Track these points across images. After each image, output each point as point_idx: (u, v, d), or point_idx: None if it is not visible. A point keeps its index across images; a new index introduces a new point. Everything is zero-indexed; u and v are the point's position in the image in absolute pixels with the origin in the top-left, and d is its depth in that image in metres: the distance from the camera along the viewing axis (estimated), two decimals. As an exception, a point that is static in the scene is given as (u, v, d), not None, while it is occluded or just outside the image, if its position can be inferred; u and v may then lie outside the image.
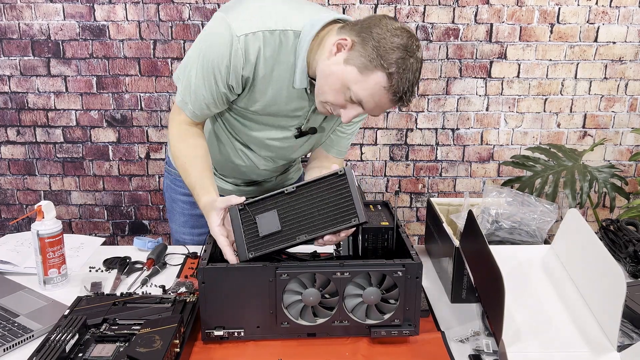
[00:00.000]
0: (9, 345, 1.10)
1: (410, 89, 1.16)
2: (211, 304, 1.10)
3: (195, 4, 2.59)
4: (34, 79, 2.68)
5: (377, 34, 1.15)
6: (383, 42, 1.14)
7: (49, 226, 1.31)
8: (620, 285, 1.00)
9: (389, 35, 1.15)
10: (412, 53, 1.14)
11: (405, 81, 1.15)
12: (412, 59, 1.14)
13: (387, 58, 1.13)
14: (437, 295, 1.34)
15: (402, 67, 1.13)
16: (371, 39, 1.15)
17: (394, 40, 1.14)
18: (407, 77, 1.15)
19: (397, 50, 1.13)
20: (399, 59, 1.13)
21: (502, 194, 1.42)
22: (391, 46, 1.13)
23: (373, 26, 1.16)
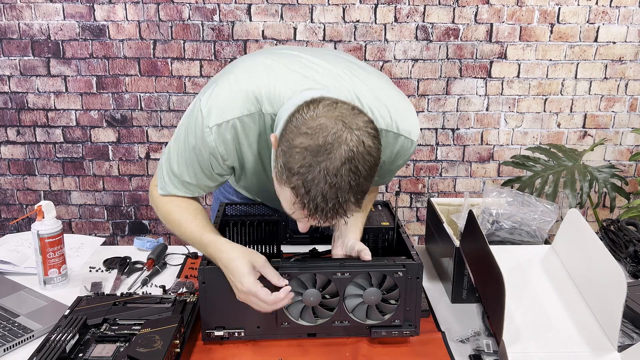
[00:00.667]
0: (9, 345, 1.10)
1: (326, 203, 0.90)
2: (211, 304, 1.10)
3: (195, 4, 2.59)
4: (34, 79, 2.68)
5: (289, 128, 0.93)
6: (287, 144, 0.92)
7: (49, 226, 1.31)
8: (620, 285, 1.00)
9: (296, 132, 0.91)
10: (325, 152, 0.88)
11: (317, 194, 0.89)
12: (324, 163, 0.88)
13: (290, 167, 0.91)
14: (438, 295, 1.34)
15: (307, 176, 0.89)
16: (282, 139, 0.94)
17: (299, 141, 0.90)
18: (319, 187, 0.89)
19: (301, 154, 0.89)
20: (304, 167, 0.89)
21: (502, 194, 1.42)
22: (295, 149, 0.90)
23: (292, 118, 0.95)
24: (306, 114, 0.93)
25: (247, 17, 2.62)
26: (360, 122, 0.92)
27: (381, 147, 0.96)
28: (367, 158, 0.91)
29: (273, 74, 1.09)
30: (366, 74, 1.17)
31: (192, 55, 2.66)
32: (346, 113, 0.92)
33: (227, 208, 1.44)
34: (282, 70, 1.10)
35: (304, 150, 0.89)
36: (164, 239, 1.61)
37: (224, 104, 1.07)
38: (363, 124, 0.93)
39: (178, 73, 2.68)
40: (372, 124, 0.95)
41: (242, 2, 2.59)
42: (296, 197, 0.92)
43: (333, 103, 0.94)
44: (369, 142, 0.91)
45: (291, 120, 0.94)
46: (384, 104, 1.13)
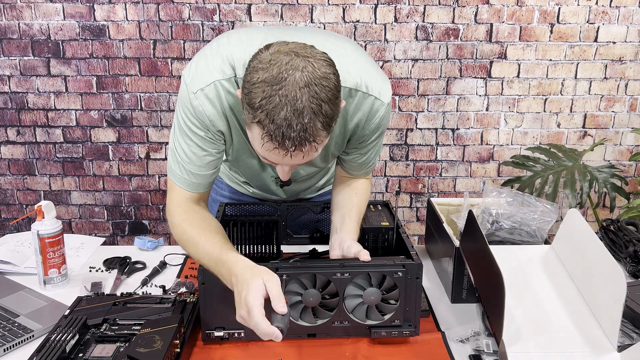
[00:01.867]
0: (9, 346, 1.11)
1: (291, 129, 0.92)
2: (211, 305, 1.10)
3: (195, 4, 2.59)
4: (34, 79, 2.68)
5: (247, 71, 0.97)
6: (247, 84, 0.95)
7: (49, 226, 1.31)
8: (620, 285, 1.00)
9: (252, 69, 0.95)
10: (281, 81, 0.91)
11: (282, 122, 0.91)
12: (282, 90, 0.91)
13: (252, 102, 0.93)
14: (437, 295, 1.34)
15: (269, 106, 0.91)
16: (244, 83, 0.97)
17: (256, 76, 0.93)
18: (281, 115, 0.91)
19: (259, 87, 0.92)
20: (264, 99, 0.92)
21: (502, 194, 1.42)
22: (254, 85, 0.93)
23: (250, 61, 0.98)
24: (261, 54, 0.96)
25: (247, 17, 2.62)
26: (313, 52, 0.96)
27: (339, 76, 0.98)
28: (324, 83, 0.93)
29: (246, 42, 1.12)
30: (340, 41, 1.19)
31: (192, 55, 2.65)
32: (298, 46, 0.96)
33: (227, 208, 1.44)
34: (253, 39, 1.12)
35: (262, 83, 0.92)
36: (164, 239, 1.61)
37: (203, 71, 1.10)
38: (316, 54, 0.96)
39: (178, 73, 2.68)
40: (326, 55, 0.98)
41: (242, 2, 2.59)
42: (263, 129, 0.94)
43: (285, 41, 0.98)
44: (324, 69, 0.94)
45: (249, 65, 0.97)
46: (354, 64, 1.14)
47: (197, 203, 1.22)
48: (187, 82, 1.11)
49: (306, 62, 0.93)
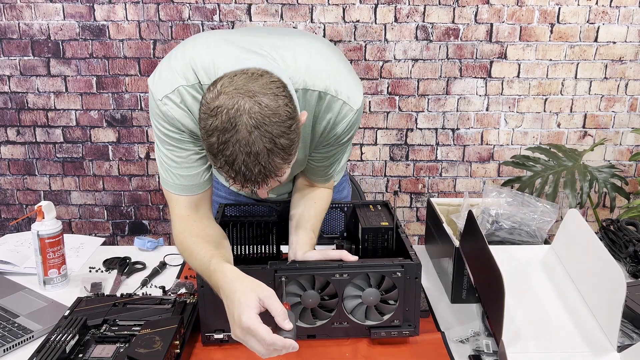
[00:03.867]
0: (9, 346, 1.11)
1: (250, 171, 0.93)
2: (211, 307, 1.10)
3: (195, 4, 2.59)
4: (34, 79, 2.68)
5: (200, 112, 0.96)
6: (202, 131, 0.96)
7: (49, 226, 1.31)
8: (620, 286, 1.00)
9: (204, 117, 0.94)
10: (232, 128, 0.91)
11: (240, 166, 0.93)
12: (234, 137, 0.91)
13: (210, 150, 0.95)
14: (437, 295, 1.34)
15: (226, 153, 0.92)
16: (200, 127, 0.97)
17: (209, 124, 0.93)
18: (238, 160, 0.92)
19: (213, 135, 0.93)
20: (220, 146, 0.92)
21: (502, 194, 1.42)
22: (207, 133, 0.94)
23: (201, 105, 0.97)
24: (208, 96, 0.95)
25: (247, 17, 2.62)
26: (257, 87, 0.93)
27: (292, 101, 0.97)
28: (274, 119, 0.92)
29: (208, 47, 1.11)
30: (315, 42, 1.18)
31: (192, 55, 2.66)
32: (242, 83, 0.94)
33: (226, 208, 1.44)
34: (219, 44, 1.11)
35: (215, 131, 0.92)
36: (164, 239, 1.61)
37: (166, 78, 1.10)
38: (261, 88, 0.93)
39: (178, 73, 2.68)
40: (274, 83, 0.96)
41: (242, 2, 2.59)
42: (226, 173, 0.95)
43: (232, 77, 0.95)
44: (270, 102, 0.92)
45: (201, 108, 0.96)
46: (325, 66, 1.13)
47: (197, 210, 1.18)
48: (152, 90, 1.11)
49: (252, 103, 0.92)
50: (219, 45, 1.11)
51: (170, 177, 1.16)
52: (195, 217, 1.18)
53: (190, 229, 1.15)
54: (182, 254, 1.16)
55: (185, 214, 1.18)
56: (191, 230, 1.15)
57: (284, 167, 0.97)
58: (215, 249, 1.09)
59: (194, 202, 1.18)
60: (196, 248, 1.09)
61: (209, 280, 1.05)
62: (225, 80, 0.95)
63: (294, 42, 1.16)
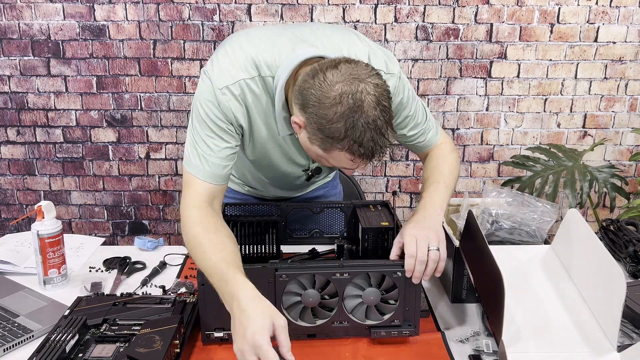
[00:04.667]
0: (9, 346, 1.11)
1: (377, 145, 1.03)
2: (211, 306, 1.10)
3: (195, 4, 2.59)
4: (34, 79, 2.68)
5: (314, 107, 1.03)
6: (323, 120, 1.02)
7: (49, 226, 1.31)
8: (620, 286, 1.00)
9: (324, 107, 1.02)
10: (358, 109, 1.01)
11: (369, 142, 1.02)
12: (362, 116, 1.01)
13: (335, 135, 1.02)
14: (437, 295, 1.34)
15: (355, 134, 1.01)
16: (313, 118, 1.04)
17: (332, 112, 1.01)
18: (366, 137, 1.02)
19: (340, 121, 1.01)
20: (348, 129, 1.01)
21: (502, 194, 1.42)
22: (332, 121, 1.01)
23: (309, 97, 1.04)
24: (322, 88, 1.02)
25: (247, 17, 2.62)
26: (363, 70, 1.04)
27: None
28: (384, 94, 1.04)
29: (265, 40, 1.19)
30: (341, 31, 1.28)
31: (192, 55, 2.66)
32: (350, 69, 1.03)
33: (227, 208, 1.44)
34: (270, 37, 1.20)
35: (342, 117, 1.00)
36: (164, 239, 1.61)
37: (228, 68, 1.16)
38: (366, 70, 1.05)
39: (178, 73, 2.68)
40: (368, 66, 1.06)
41: (242, 2, 2.59)
42: (353, 154, 1.04)
43: (334, 67, 1.04)
44: (378, 81, 1.04)
45: (309, 99, 1.04)
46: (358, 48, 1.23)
47: (211, 203, 1.18)
48: (211, 78, 1.16)
49: (367, 84, 1.02)
50: (272, 38, 1.19)
51: (200, 161, 1.18)
52: (211, 212, 1.17)
53: (206, 224, 1.13)
54: (190, 247, 1.13)
55: (201, 203, 1.16)
56: (207, 227, 1.13)
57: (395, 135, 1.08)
58: (232, 254, 1.08)
59: (212, 193, 1.18)
60: (211, 249, 1.08)
61: (218, 285, 1.04)
62: (332, 72, 1.03)
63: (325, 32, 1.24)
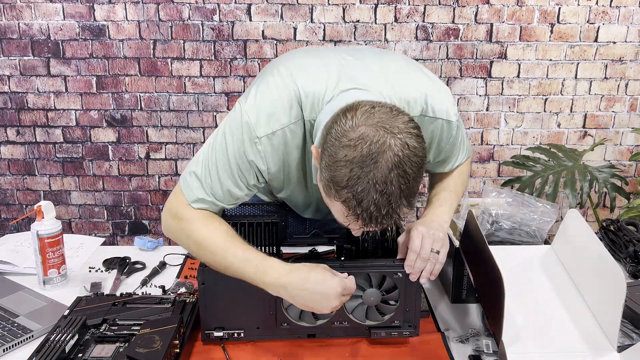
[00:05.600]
0: (9, 346, 1.10)
1: (379, 212, 0.89)
2: (211, 305, 1.10)
3: (195, 4, 2.59)
4: (34, 79, 2.68)
5: (330, 142, 0.92)
6: (331, 159, 0.90)
7: (48, 226, 1.31)
8: (620, 286, 1.00)
9: (338, 146, 0.89)
10: (372, 162, 0.87)
11: (369, 205, 0.88)
12: (372, 172, 0.87)
13: (337, 181, 0.90)
14: (437, 295, 1.34)
15: (356, 188, 0.88)
16: (325, 154, 0.92)
17: (343, 154, 0.89)
18: (369, 197, 0.88)
19: (346, 167, 0.88)
20: (351, 180, 0.88)
21: (502, 194, 1.42)
22: (339, 164, 0.89)
23: (332, 130, 0.92)
24: (345, 125, 0.91)
25: (247, 17, 2.62)
26: (400, 124, 0.90)
27: (425, 144, 0.94)
28: (413, 160, 0.89)
29: (313, 75, 1.07)
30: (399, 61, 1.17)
31: (192, 55, 2.66)
32: (385, 117, 0.90)
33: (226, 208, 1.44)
34: (321, 70, 1.08)
35: (349, 163, 0.88)
36: (163, 239, 1.61)
37: (271, 111, 1.04)
38: (404, 126, 0.90)
39: (178, 73, 2.68)
40: (412, 122, 0.93)
41: (242, 2, 2.59)
42: (348, 209, 0.91)
43: (370, 108, 0.92)
44: (412, 142, 0.90)
45: (330, 132, 0.92)
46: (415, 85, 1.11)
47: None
48: (251, 121, 1.04)
49: (396, 140, 0.88)
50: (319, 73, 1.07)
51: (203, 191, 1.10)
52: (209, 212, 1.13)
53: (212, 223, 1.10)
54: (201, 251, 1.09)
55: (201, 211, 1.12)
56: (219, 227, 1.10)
57: (407, 212, 0.94)
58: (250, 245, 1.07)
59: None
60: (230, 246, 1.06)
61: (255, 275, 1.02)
62: (365, 111, 0.91)
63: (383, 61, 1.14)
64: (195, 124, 2.76)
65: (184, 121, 2.75)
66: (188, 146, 2.80)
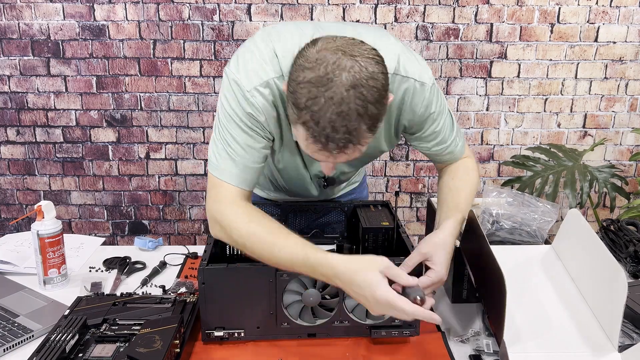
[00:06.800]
0: (9, 346, 1.10)
1: (336, 131, 0.90)
2: (211, 305, 1.10)
3: (195, 4, 2.59)
4: (34, 78, 2.68)
5: (292, 69, 0.94)
6: (293, 83, 0.92)
7: (48, 226, 1.31)
8: (621, 286, 1.00)
9: (299, 68, 0.92)
10: (328, 82, 0.88)
11: (326, 124, 0.89)
12: (328, 92, 0.88)
13: (297, 102, 0.91)
14: (438, 295, 1.34)
15: (314, 107, 0.89)
16: (289, 79, 0.95)
17: (302, 76, 0.91)
18: (326, 116, 0.89)
19: (305, 87, 0.90)
20: (309, 100, 0.89)
21: (502, 194, 1.42)
22: (299, 85, 0.91)
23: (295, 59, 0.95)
24: (306, 52, 0.93)
25: (247, 17, 2.62)
26: (360, 49, 0.92)
27: (387, 73, 0.94)
28: (371, 83, 0.90)
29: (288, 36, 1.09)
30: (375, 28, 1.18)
31: (192, 55, 2.66)
32: (345, 43, 0.92)
33: None
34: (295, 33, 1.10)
35: (308, 84, 0.89)
36: (163, 239, 1.61)
37: (253, 67, 1.07)
38: (364, 51, 0.92)
39: (178, 73, 2.68)
40: (374, 51, 0.94)
41: (242, 2, 2.59)
42: (307, 131, 0.92)
43: (333, 37, 0.94)
44: (371, 67, 0.91)
45: (295, 62, 0.94)
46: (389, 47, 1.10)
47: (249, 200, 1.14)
48: (238, 80, 1.06)
49: (353, 62, 0.90)
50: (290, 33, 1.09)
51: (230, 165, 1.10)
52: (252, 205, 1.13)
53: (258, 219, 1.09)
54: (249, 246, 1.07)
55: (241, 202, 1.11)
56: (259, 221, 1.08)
57: (368, 138, 0.94)
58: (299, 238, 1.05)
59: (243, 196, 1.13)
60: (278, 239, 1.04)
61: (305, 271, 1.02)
62: (328, 39, 0.94)
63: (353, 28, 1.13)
64: (195, 124, 2.76)
65: (184, 121, 2.75)
66: (188, 146, 2.80)
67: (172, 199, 2.88)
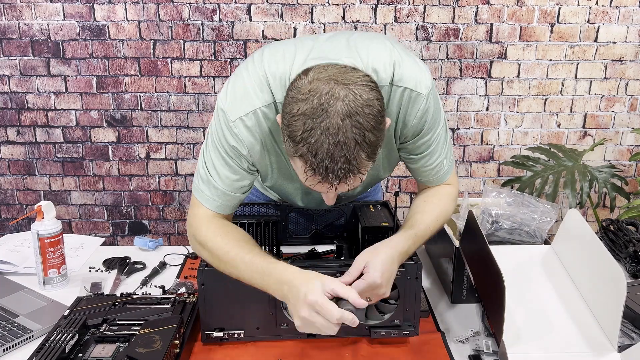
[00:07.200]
0: (9, 346, 1.10)
1: (334, 163, 0.88)
2: (211, 306, 1.10)
3: (195, 4, 2.59)
4: (34, 79, 2.68)
5: (286, 101, 0.93)
6: (288, 116, 0.91)
7: (48, 226, 1.31)
8: (620, 286, 1.00)
9: (293, 101, 0.91)
10: (323, 112, 0.87)
11: (324, 156, 0.88)
12: (324, 123, 0.87)
13: (293, 136, 0.90)
14: (437, 295, 1.34)
15: (311, 139, 0.88)
16: (283, 112, 0.94)
17: (296, 108, 0.90)
18: (323, 148, 0.87)
19: (300, 119, 0.89)
20: (305, 132, 0.88)
21: (502, 194, 1.42)
22: (294, 117, 0.90)
23: (288, 91, 0.95)
24: (299, 83, 0.92)
25: (247, 17, 2.62)
26: (353, 77, 0.91)
27: (383, 98, 0.94)
28: (366, 110, 0.89)
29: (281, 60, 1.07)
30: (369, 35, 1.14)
31: (192, 55, 2.66)
32: (337, 72, 0.92)
33: None
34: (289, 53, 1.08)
35: (302, 116, 0.88)
36: (163, 239, 1.61)
37: (241, 96, 1.06)
38: (357, 79, 0.91)
39: (178, 73, 2.68)
40: (367, 77, 0.93)
41: (242, 2, 2.59)
42: (306, 164, 0.91)
43: (324, 66, 0.93)
44: (365, 95, 0.90)
45: (287, 94, 0.94)
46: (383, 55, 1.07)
47: (225, 217, 1.16)
48: (224, 109, 1.06)
49: (347, 90, 0.89)
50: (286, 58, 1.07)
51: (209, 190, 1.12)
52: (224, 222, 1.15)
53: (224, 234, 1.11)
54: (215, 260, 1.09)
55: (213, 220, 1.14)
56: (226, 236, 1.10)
57: (368, 165, 0.93)
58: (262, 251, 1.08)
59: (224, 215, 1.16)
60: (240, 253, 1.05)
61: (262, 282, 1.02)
62: (319, 68, 0.93)
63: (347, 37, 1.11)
64: (195, 124, 2.76)
65: (184, 121, 2.76)
66: (188, 146, 2.80)
67: (172, 199, 2.88)
